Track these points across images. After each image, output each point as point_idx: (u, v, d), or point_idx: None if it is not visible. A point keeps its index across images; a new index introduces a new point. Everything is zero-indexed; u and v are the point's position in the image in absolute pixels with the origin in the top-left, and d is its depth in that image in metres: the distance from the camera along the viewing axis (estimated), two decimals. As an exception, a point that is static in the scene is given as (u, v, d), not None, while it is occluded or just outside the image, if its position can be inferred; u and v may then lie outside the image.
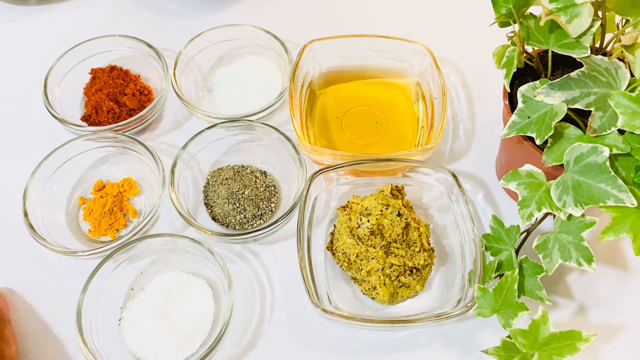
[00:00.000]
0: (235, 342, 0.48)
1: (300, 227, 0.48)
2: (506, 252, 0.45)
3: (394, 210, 0.49)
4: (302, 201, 0.49)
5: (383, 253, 0.47)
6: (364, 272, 0.47)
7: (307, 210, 0.50)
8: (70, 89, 0.63)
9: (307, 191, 0.50)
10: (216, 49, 0.65)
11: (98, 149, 0.57)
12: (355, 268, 0.48)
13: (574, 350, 0.37)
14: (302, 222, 0.48)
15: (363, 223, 0.48)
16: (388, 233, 0.48)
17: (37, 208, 0.53)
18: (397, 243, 0.48)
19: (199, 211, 0.55)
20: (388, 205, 0.49)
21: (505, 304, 0.41)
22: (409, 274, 0.48)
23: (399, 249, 0.48)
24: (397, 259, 0.47)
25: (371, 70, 0.62)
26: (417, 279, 0.48)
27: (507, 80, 0.45)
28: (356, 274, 0.48)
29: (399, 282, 0.48)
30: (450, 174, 0.51)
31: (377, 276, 0.47)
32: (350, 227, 0.49)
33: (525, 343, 0.38)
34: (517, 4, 0.43)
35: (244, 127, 0.56)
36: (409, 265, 0.47)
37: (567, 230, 0.41)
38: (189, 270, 0.51)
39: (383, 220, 0.48)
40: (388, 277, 0.47)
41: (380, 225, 0.48)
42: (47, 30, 0.72)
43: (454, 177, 0.50)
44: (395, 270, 0.47)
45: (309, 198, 0.50)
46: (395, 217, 0.49)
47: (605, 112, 0.40)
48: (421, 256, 0.48)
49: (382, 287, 0.47)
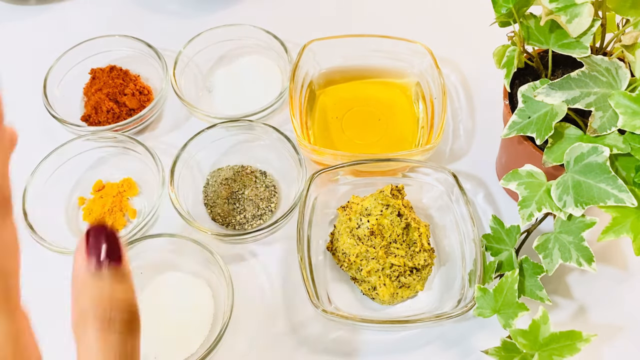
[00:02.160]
0: (235, 342, 0.48)
1: (300, 228, 0.48)
2: (506, 252, 0.45)
3: (394, 211, 0.49)
4: (302, 201, 0.49)
5: (383, 253, 0.47)
6: (364, 272, 0.47)
7: (307, 211, 0.50)
8: (70, 89, 0.63)
9: (307, 191, 0.50)
10: (216, 49, 0.65)
11: (98, 149, 0.57)
12: (355, 268, 0.48)
13: (574, 351, 0.37)
14: (302, 222, 0.48)
15: (363, 223, 0.48)
16: (388, 233, 0.48)
17: (36, 208, 0.53)
18: (397, 243, 0.48)
19: (198, 211, 0.55)
20: (388, 205, 0.49)
21: (506, 304, 0.41)
22: (409, 274, 0.48)
23: (399, 249, 0.48)
24: (397, 259, 0.47)
25: (371, 70, 0.62)
26: (417, 279, 0.48)
27: (507, 80, 0.45)
28: (356, 274, 0.48)
29: (399, 282, 0.48)
30: (450, 174, 0.51)
31: (377, 276, 0.47)
32: (350, 227, 0.49)
33: (525, 343, 0.38)
34: (517, 3, 0.43)
35: (244, 127, 0.56)
36: (409, 266, 0.47)
37: (567, 231, 0.41)
38: (188, 270, 0.51)
39: (383, 221, 0.48)
40: (388, 277, 0.47)
41: (380, 225, 0.48)
42: (47, 30, 0.72)
43: (454, 177, 0.50)
44: (396, 270, 0.47)
45: (309, 198, 0.50)
46: (396, 217, 0.49)
47: (605, 112, 0.40)
48: (421, 256, 0.48)
49: (382, 287, 0.47)
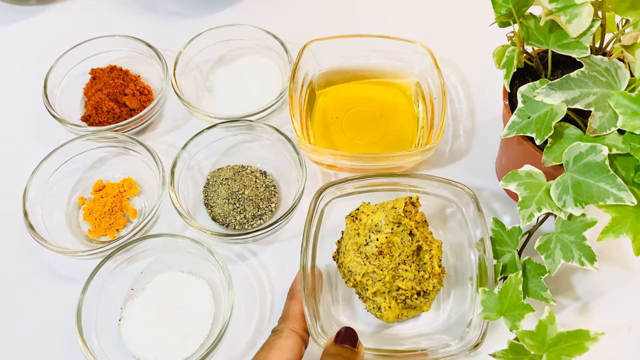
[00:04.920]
0: (235, 342, 0.48)
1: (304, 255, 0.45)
2: (509, 255, 0.45)
3: (405, 229, 0.46)
4: (309, 218, 0.47)
5: (390, 278, 0.45)
6: (370, 292, 0.45)
7: (313, 227, 0.47)
8: (70, 89, 0.63)
9: (315, 207, 0.47)
10: (216, 49, 0.65)
11: (98, 149, 0.57)
12: (360, 287, 0.46)
13: (582, 350, 0.37)
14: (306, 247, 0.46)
15: (372, 240, 0.46)
16: (397, 252, 0.46)
17: (37, 208, 0.53)
18: (406, 265, 0.45)
19: (198, 211, 0.55)
20: (400, 223, 0.46)
21: (511, 306, 0.41)
22: (416, 297, 0.46)
23: (408, 272, 0.45)
24: (404, 283, 0.45)
25: (371, 70, 0.62)
26: (424, 301, 0.46)
27: (507, 80, 0.45)
28: (361, 292, 0.47)
29: (405, 304, 0.46)
30: (471, 195, 0.48)
31: (382, 298, 0.45)
32: (358, 243, 0.46)
33: (533, 344, 0.38)
34: (516, 4, 0.43)
35: (244, 127, 0.56)
36: (416, 289, 0.45)
37: (568, 230, 0.41)
38: (188, 270, 0.51)
39: (393, 238, 0.46)
40: (394, 300, 0.45)
41: (390, 242, 0.46)
42: (47, 30, 0.72)
43: (474, 199, 0.48)
44: (402, 294, 0.45)
45: (316, 212, 0.48)
46: (407, 236, 0.46)
47: (605, 112, 0.40)
48: (430, 282, 0.46)
49: (388, 310, 0.45)
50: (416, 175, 0.50)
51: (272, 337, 0.42)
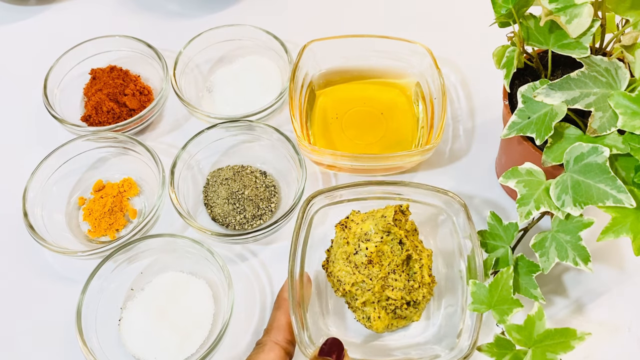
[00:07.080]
0: (235, 342, 0.48)
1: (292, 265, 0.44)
2: (502, 250, 0.45)
3: (395, 238, 0.46)
4: (297, 225, 0.46)
5: (380, 287, 0.44)
6: (359, 302, 0.45)
7: (302, 235, 0.46)
8: (70, 89, 0.63)
9: (304, 214, 0.46)
10: (216, 49, 0.65)
11: (98, 149, 0.57)
12: (350, 297, 0.46)
13: (568, 348, 0.37)
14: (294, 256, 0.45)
15: (361, 249, 0.45)
16: (387, 261, 0.45)
17: (37, 208, 0.53)
18: (395, 274, 0.45)
19: (198, 211, 0.55)
20: (389, 232, 0.46)
21: (501, 300, 0.41)
22: (406, 307, 0.45)
23: (397, 281, 0.45)
24: (394, 293, 0.44)
25: (371, 70, 0.62)
26: (414, 311, 0.46)
27: (507, 80, 0.45)
28: (350, 301, 0.46)
29: (395, 314, 0.46)
30: (462, 204, 0.47)
31: (372, 307, 0.45)
32: (347, 252, 0.46)
33: (520, 339, 0.38)
34: (516, 4, 0.43)
35: (244, 127, 0.56)
36: (406, 299, 0.45)
37: (564, 230, 0.41)
38: (188, 270, 0.51)
39: (383, 247, 0.45)
40: (384, 310, 0.45)
41: (379, 251, 0.45)
42: (47, 30, 0.72)
43: (463, 207, 0.47)
44: (392, 304, 0.45)
45: (305, 220, 0.47)
46: (396, 245, 0.46)
47: (605, 113, 0.40)
48: (420, 292, 0.45)
49: (377, 320, 0.45)
50: (406, 183, 0.49)
51: (255, 350, 0.41)
